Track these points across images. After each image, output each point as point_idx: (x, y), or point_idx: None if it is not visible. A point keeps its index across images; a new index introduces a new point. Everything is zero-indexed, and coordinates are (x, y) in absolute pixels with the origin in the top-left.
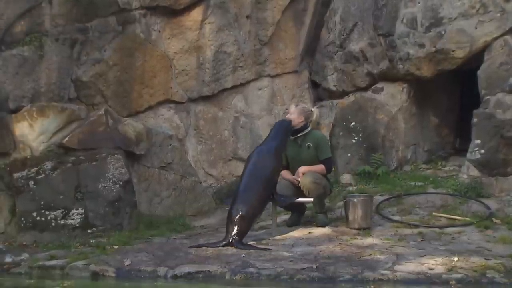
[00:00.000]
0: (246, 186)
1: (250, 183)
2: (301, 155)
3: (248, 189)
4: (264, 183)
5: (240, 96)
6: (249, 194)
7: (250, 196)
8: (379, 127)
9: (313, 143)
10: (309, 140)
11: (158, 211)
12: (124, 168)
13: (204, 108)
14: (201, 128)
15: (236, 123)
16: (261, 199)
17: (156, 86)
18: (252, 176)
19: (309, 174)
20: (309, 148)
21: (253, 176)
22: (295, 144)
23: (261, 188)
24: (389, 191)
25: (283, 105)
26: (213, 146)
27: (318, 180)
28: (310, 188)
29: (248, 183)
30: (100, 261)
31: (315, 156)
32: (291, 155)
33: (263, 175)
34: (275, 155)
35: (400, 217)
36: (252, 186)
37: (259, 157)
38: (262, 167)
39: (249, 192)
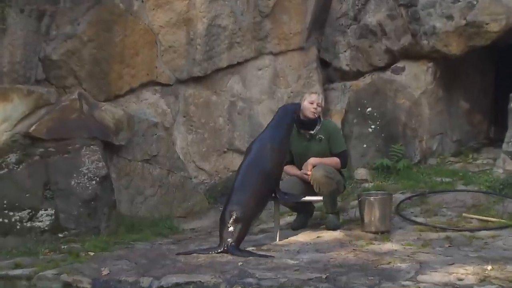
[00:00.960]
0: (242, 182)
1: (247, 179)
2: (310, 150)
3: (245, 186)
4: (264, 178)
5: (237, 77)
6: (246, 192)
7: (247, 194)
8: (400, 113)
9: (326, 135)
10: (321, 131)
11: (141, 211)
12: (101, 161)
13: (195, 91)
14: (192, 115)
15: (233, 108)
16: (259, 198)
17: (138, 66)
18: (249, 171)
19: (321, 167)
20: (321, 141)
21: (251, 171)
22: (303, 137)
23: (259, 184)
24: (411, 188)
25: (287, 87)
26: (205, 135)
27: (331, 174)
28: (322, 183)
29: (244, 179)
30: (73, 270)
31: (327, 151)
32: (298, 151)
33: (263, 170)
34: (278, 146)
35: (424, 218)
36: (250, 182)
37: (259, 148)
38: (262, 160)
39: (245, 189)
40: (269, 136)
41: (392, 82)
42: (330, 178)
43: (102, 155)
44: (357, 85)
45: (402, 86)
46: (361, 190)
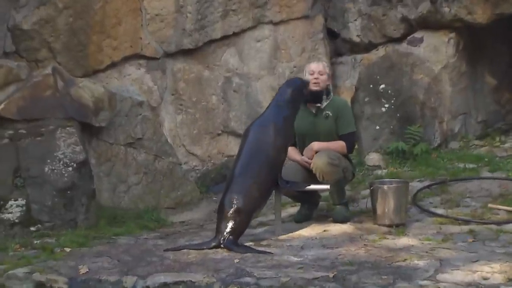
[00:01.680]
0: (243, 169)
1: (249, 166)
2: (316, 127)
3: (247, 173)
4: (268, 165)
5: (232, 50)
6: (248, 180)
7: (249, 182)
8: (418, 90)
9: (334, 112)
10: (329, 107)
11: (124, 202)
12: (78, 145)
13: (184, 65)
14: (181, 93)
15: (228, 85)
16: (263, 187)
17: (121, 37)
18: (252, 156)
19: (323, 153)
20: (328, 118)
21: (254, 156)
22: (309, 112)
23: (263, 172)
24: (431, 175)
25: (289, 61)
26: (196, 116)
27: (336, 160)
28: (325, 172)
29: (246, 165)
30: (47, 268)
31: (334, 130)
32: (302, 130)
33: (267, 155)
34: (283, 127)
35: (445, 210)
36: (252, 169)
37: (260, 130)
38: (265, 144)
39: (247, 177)
40: (272, 116)
41: (408, 55)
42: (335, 166)
43: (80, 138)
44: (369, 58)
45: (420, 59)
46: (373, 177)
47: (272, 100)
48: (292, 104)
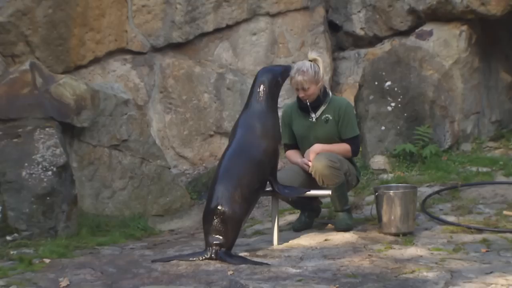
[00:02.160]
0: (225, 173)
1: (231, 168)
2: (315, 133)
3: (229, 177)
4: (253, 166)
5: (226, 44)
6: (231, 184)
7: (232, 186)
8: (426, 88)
9: (335, 115)
10: (328, 110)
11: (109, 209)
12: (59, 147)
13: (174, 61)
14: (170, 90)
15: (221, 82)
16: (247, 192)
17: (105, 30)
18: (234, 158)
19: (323, 155)
20: (328, 122)
21: (236, 158)
22: (306, 117)
23: (247, 174)
24: (441, 180)
25: (288, 56)
26: (187, 115)
27: (336, 163)
28: (326, 175)
29: (228, 168)
30: (24, 281)
31: (336, 134)
32: (300, 132)
33: (251, 156)
34: (270, 123)
35: (456, 217)
36: (235, 172)
37: (244, 129)
38: (249, 144)
39: (230, 181)
40: (254, 111)
41: (416, 49)
42: (336, 169)
43: (60, 140)
44: (373, 53)
45: (429, 54)
46: (379, 182)
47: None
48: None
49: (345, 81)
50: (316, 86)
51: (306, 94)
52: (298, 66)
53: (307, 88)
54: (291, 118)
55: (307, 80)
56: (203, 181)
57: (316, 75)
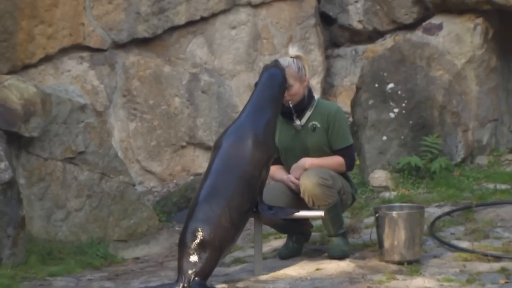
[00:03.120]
0: (211, 191)
1: (218, 187)
2: (302, 143)
3: (215, 196)
4: (244, 186)
5: (200, 40)
6: (217, 205)
7: (218, 208)
8: (436, 91)
9: (323, 122)
10: (315, 117)
11: (63, 233)
12: (3, 161)
13: (139, 59)
14: (135, 94)
15: (194, 84)
16: (237, 214)
17: (58, 22)
18: (222, 175)
19: (313, 171)
20: (315, 131)
21: (224, 175)
22: (289, 125)
23: (237, 194)
24: (452, 199)
25: (273, 53)
26: (155, 123)
27: (328, 180)
28: (315, 195)
29: (214, 186)
30: None
31: (326, 144)
32: (284, 143)
33: (242, 173)
34: (264, 137)
35: (471, 242)
36: (222, 191)
37: (235, 141)
38: (240, 159)
39: (216, 201)
40: (250, 121)
41: (424, 46)
42: (328, 187)
43: (5, 152)
44: (373, 50)
45: (439, 51)
46: (379, 201)
47: (249, 100)
48: (276, 103)
49: (340, 83)
50: (300, 85)
51: (289, 93)
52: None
53: (290, 85)
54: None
55: (290, 75)
56: (173, 200)
57: (300, 71)
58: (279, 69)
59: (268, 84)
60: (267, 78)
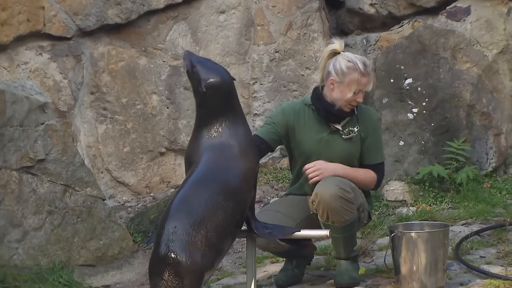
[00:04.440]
0: (184, 203)
1: (194, 202)
2: (330, 149)
3: (189, 209)
4: (226, 200)
5: (182, 26)
6: (191, 220)
7: (193, 224)
8: (462, 87)
9: (363, 130)
10: (354, 121)
11: (19, 256)
12: None
13: (110, 49)
14: (105, 90)
15: (176, 79)
16: (216, 235)
17: (13, 6)
18: (199, 187)
19: (333, 180)
20: (351, 137)
21: (203, 187)
22: (321, 127)
23: (218, 211)
24: (482, 216)
25: (268, 43)
26: (128, 126)
27: (350, 193)
28: (334, 209)
29: (189, 197)
30: None
31: (356, 156)
32: (308, 148)
33: (224, 184)
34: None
35: (504, 267)
36: (198, 203)
37: (216, 146)
38: (222, 168)
39: (190, 215)
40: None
41: (448, 34)
42: (348, 201)
43: None
44: (388, 39)
45: (466, 40)
46: (396, 219)
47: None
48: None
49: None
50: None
51: (361, 99)
52: (354, 58)
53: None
54: (295, 121)
55: (372, 80)
56: (150, 217)
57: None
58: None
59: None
60: None
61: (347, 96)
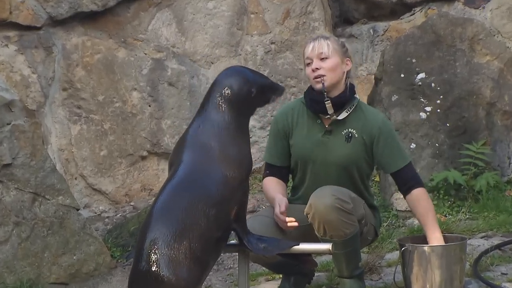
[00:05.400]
0: (165, 213)
1: (175, 207)
2: (326, 152)
3: (171, 220)
4: (210, 206)
5: (166, 14)
6: (173, 232)
7: (175, 236)
8: (481, 83)
9: (363, 133)
10: (354, 122)
11: None
12: None
13: (85, 40)
14: (79, 87)
15: (159, 74)
16: (201, 246)
17: None
18: (180, 191)
19: (329, 189)
20: (350, 141)
21: (183, 191)
22: (315, 126)
23: (201, 218)
24: (504, 227)
25: (263, 33)
26: (105, 126)
27: (349, 204)
28: (330, 222)
29: (170, 206)
30: None
31: (356, 163)
32: (302, 151)
33: (207, 188)
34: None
35: None
36: (180, 213)
37: (197, 145)
38: (203, 170)
39: (172, 226)
40: (213, 124)
41: (465, 23)
42: (346, 213)
43: None
44: (398, 29)
45: (486, 30)
46: (406, 231)
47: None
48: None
49: (353, 72)
50: (341, 64)
51: (322, 66)
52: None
53: (326, 56)
54: (292, 124)
55: (330, 44)
56: (130, 229)
57: (344, 48)
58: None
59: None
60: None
61: (306, 72)
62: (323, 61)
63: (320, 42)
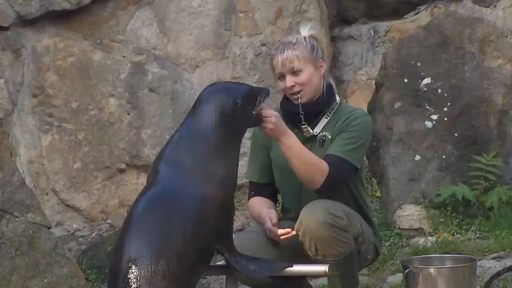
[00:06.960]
0: (141, 231)
1: (152, 224)
2: None
3: (147, 238)
4: (190, 223)
5: (146, 13)
6: (150, 251)
7: (152, 255)
8: (493, 89)
9: (334, 131)
10: (329, 125)
11: None
12: None
13: (57, 41)
14: (51, 93)
15: (139, 79)
16: (180, 267)
17: None
18: (157, 206)
19: (320, 204)
20: (323, 144)
21: (161, 206)
22: (297, 134)
23: (181, 236)
24: None
25: (253, 33)
26: (80, 137)
27: (342, 220)
28: (322, 239)
29: (146, 222)
30: None
31: None
32: (280, 162)
33: (186, 205)
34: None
35: None
36: (158, 230)
37: (178, 160)
38: (183, 186)
39: (148, 245)
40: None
41: (475, 23)
42: (340, 229)
43: None
44: (401, 29)
45: (497, 31)
46: (411, 251)
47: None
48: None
49: (352, 77)
50: (315, 71)
51: (297, 81)
52: (283, 40)
53: (299, 69)
54: (271, 144)
55: (300, 55)
56: (107, 249)
57: (314, 51)
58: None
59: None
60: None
61: (280, 86)
62: (296, 76)
63: (288, 55)
